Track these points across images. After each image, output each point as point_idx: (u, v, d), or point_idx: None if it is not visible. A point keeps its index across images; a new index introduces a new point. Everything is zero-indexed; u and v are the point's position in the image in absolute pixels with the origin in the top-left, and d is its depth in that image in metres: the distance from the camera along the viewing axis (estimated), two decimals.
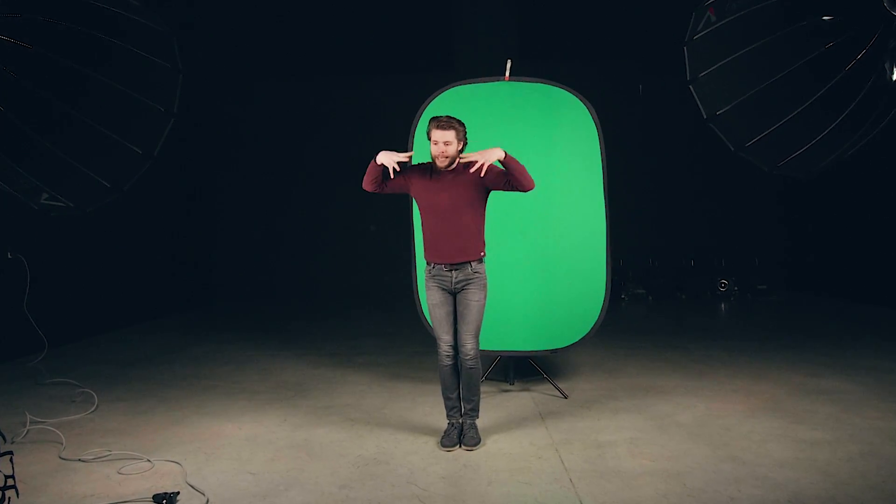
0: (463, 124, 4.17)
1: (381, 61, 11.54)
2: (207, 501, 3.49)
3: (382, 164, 4.11)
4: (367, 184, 4.21)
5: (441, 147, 4.10)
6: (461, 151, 4.21)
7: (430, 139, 4.16)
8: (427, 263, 4.31)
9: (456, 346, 4.27)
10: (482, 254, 4.25)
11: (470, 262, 4.19)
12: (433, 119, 4.14)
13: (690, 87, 4.66)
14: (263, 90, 11.89)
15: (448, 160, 4.13)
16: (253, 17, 11.06)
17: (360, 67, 11.62)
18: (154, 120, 4.46)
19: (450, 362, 4.28)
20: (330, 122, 11.82)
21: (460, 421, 4.34)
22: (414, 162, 4.39)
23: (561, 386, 5.48)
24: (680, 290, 11.15)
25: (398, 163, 4.09)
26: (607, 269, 5.32)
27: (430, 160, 4.22)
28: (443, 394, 4.37)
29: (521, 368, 5.82)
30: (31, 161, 4.07)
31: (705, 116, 4.63)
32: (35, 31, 3.85)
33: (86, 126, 4.06)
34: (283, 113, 11.93)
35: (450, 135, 4.09)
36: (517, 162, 4.07)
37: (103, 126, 4.13)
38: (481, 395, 4.47)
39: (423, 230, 4.31)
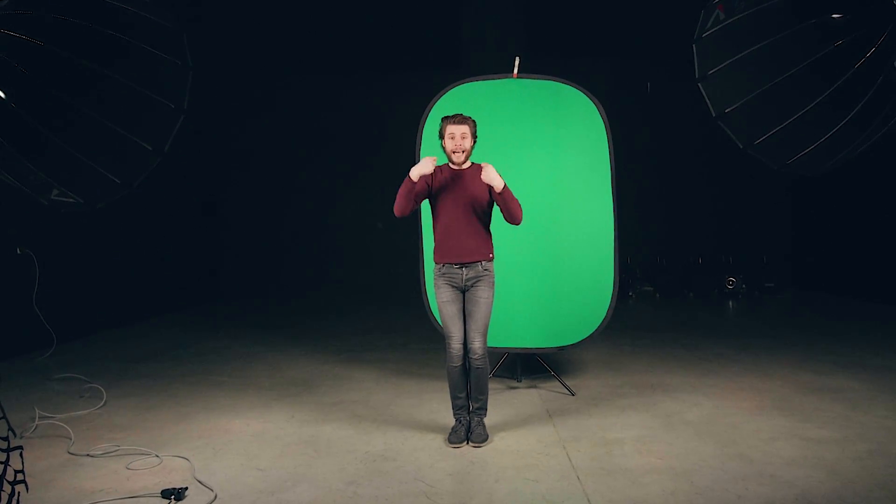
0: (474, 121, 4.26)
1: (389, 59, 11.56)
2: (215, 497, 3.50)
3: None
4: (404, 204, 4.12)
5: (458, 140, 4.16)
6: (472, 149, 4.25)
7: (443, 138, 4.22)
8: (436, 264, 4.32)
9: (465, 345, 4.27)
10: (491, 255, 4.29)
11: (481, 261, 4.22)
12: (447, 117, 4.22)
13: (699, 84, 4.65)
14: (272, 88, 11.91)
15: (464, 155, 4.18)
16: (262, 14, 11.08)
17: (369, 65, 11.64)
18: (164, 116, 4.46)
19: (459, 363, 4.27)
20: (338, 120, 11.84)
21: (468, 418, 4.35)
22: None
23: (568, 383, 5.48)
24: (687, 287, 11.13)
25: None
26: (615, 266, 5.32)
27: (443, 162, 4.29)
28: (451, 394, 4.36)
29: (528, 365, 5.82)
30: (41, 157, 4.08)
31: (714, 114, 4.61)
32: (46, 27, 3.86)
33: (96, 122, 4.07)
34: (291, 110, 11.95)
35: (465, 128, 4.18)
36: (510, 200, 4.13)
37: (113, 122, 4.14)
38: (489, 393, 4.48)
39: (435, 230, 4.33)
